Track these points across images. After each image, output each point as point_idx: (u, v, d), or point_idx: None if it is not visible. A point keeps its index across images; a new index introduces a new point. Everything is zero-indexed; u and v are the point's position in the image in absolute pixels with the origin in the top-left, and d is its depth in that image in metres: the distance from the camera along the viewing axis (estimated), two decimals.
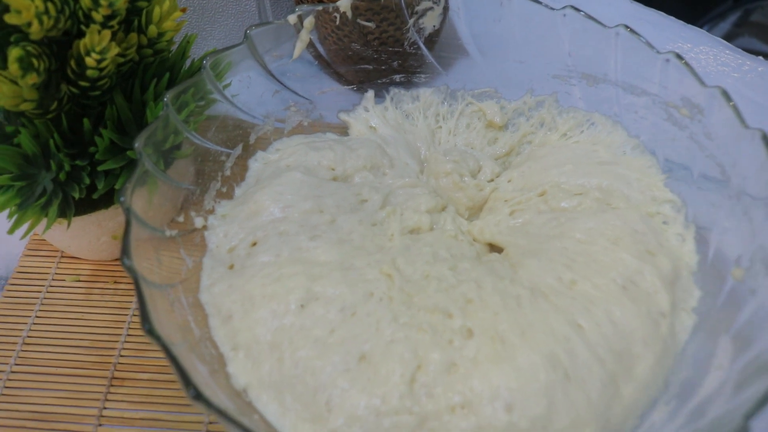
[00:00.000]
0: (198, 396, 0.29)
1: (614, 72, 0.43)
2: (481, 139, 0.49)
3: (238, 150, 0.46)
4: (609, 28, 0.42)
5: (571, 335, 0.35)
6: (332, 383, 0.34)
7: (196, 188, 0.42)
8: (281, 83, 0.47)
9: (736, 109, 0.37)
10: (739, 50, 0.61)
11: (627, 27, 0.41)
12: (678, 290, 0.38)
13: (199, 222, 0.42)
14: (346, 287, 0.37)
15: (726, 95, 0.38)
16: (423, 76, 0.50)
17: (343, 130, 0.50)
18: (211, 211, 0.43)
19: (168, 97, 0.38)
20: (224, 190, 0.44)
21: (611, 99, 0.45)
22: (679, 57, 0.39)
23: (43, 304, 0.46)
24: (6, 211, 0.42)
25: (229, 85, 0.44)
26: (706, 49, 0.45)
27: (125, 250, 0.33)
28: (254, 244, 0.41)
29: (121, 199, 0.34)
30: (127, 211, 0.34)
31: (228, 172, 0.45)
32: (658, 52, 0.40)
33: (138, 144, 0.36)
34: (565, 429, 0.33)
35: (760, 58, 0.61)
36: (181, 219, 0.40)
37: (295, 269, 0.38)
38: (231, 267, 0.40)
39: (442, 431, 0.33)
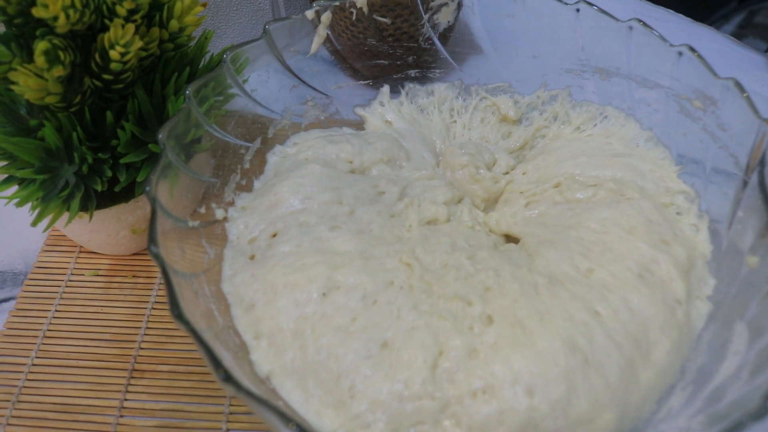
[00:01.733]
0: (228, 378, 0.29)
1: (627, 66, 0.44)
2: (495, 133, 0.50)
3: (257, 143, 0.46)
4: (622, 22, 0.42)
5: (589, 321, 0.35)
6: (355, 370, 0.35)
7: (216, 180, 0.43)
8: (299, 78, 0.48)
9: (749, 101, 0.38)
10: (747, 46, 0.62)
11: (640, 21, 0.42)
12: (693, 279, 0.39)
13: (219, 214, 0.42)
14: (367, 276, 0.37)
15: (740, 86, 0.38)
16: (438, 71, 0.51)
17: (359, 125, 0.51)
18: (231, 203, 0.44)
19: (190, 90, 0.39)
20: (243, 182, 0.45)
21: (624, 92, 0.45)
22: (692, 50, 0.40)
23: (62, 298, 0.47)
24: (25, 208, 0.42)
25: (247, 80, 0.44)
26: (713, 45, 0.46)
27: (152, 238, 0.33)
28: (274, 235, 0.41)
29: (147, 188, 0.35)
30: (153, 201, 0.35)
31: (247, 165, 0.45)
32: (671, 45, 0.41)
33: (161, 136, 0.37)
34: (584, 412, 0.33)
35: None
36: (202, 210, 0.41)
37: (316, 259, 0.38)
38: (252, 257, 0.41)
39: (464, 416, 0.33)
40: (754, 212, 0.38)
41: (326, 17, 0.45)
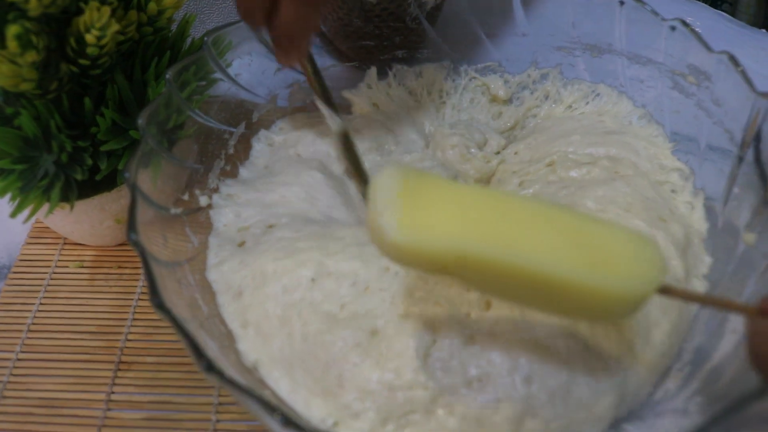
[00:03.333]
0: (210, 368, 0.29)
1: (619, 42, 0.43)
2: (485, 113, 0.49)
3: (241, 128, 0.45)
4: None
5: None
6: (344, 358, 0.34)
7: (200, 167, 0.42)
8: None
9: (744, 74, 0.37)
10: (741, 23, 0.61)
11: None
12: (690, 257, 0.38)
13: (203, 201, 0.42)
14: (360, 262, 0.36)
15: (734, 60, 0.37)
16: (425, 51, 0.50)
17: (347, 107, 0.50)
18: (216, 190, 0.43)
19: (170, 74, 0.38)
20: (228, 168, 0.44)
21: (616, 69, 0.45)
22: (685, 24, 0.39)
23: (47, 291, 0.46)
24: (6, 199, 0.41)
25: (231, 63, 0.43)
26: (707, 23, 0.45)
27: (131, 225, 0.32)
28: (271, 226, 0.41)
29: (126, 175, 0.34)
30: (133, 188, 0.34)
31: (231, 151, 0.45)
32: (663, 19, 0.40)
33: (141, 121, 0.36)
34: (584, 399, 0.33)
35: (764, 30, 0.61)
36: (185, 197, 0.40)
37: (309, 244, 0.38)
38: (241, 244, 0.40)
39: (458, 405, 0.32)
40: (750, 189, 0.37)
41: None
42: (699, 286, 0.38)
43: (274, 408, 0.28)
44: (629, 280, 0.25)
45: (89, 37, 0.37)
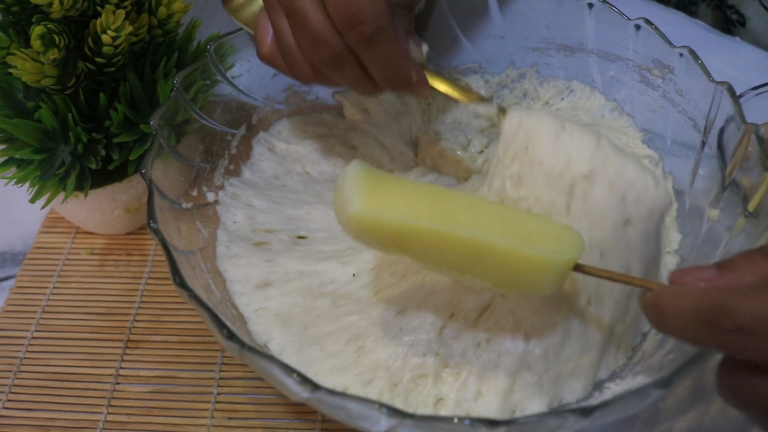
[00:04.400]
0: (231, 336, 0.31)
1: (589, 41, 0.47)
2: (467, 113, 0.53)
3: (242, 130, 0.49)
4: (582, 1, 0.45)
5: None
6: (366, 333, 0.37)
7: (206, 165, 0.45)
8: None
9: (703, 66, 0.41)
10: (716, 30, 0.65)
11: None
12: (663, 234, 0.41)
13: (211, 197, 0.45)
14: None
15: (693, 54, 0.41)
16: None
17: (339, 109, 0.53)
18: (221, 187, 0.46)
19: (177, 80, 0.41)
20: (231, 167, 0.47)
21: (588, 67, 0.48)
22: (649, 22, 0.43)
23: (60, 276, 0.49)
24: (24, 193, 0.45)
25: (231, 66, 0.46)
26: (682, 30, 0.49)
27: (151, 215, 0.36)
28: (303, 237, 0.44)
29: (142, 170, 0.37)
30: (149, 183, 0.37)
31: (234, 151, 0.48)
32: (628, 19, 0.44)
33: (153, 122, 0.39)
34: (574, 353, 0.36)
35: (737, 38, 0.64)
36: (194, 193, 0.43)
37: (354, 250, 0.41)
38: (260, 244, 0.43)
39: (465, 365, 0.36)
40: (713, 170, 0.41)
41: None
42: (670, 260, 0.42)
43: (292, 369, 0.29)
44: (552, 252, 0.30)
45: (105, 38, 0.40)
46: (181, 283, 0.33)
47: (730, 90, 0.39)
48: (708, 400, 0.40)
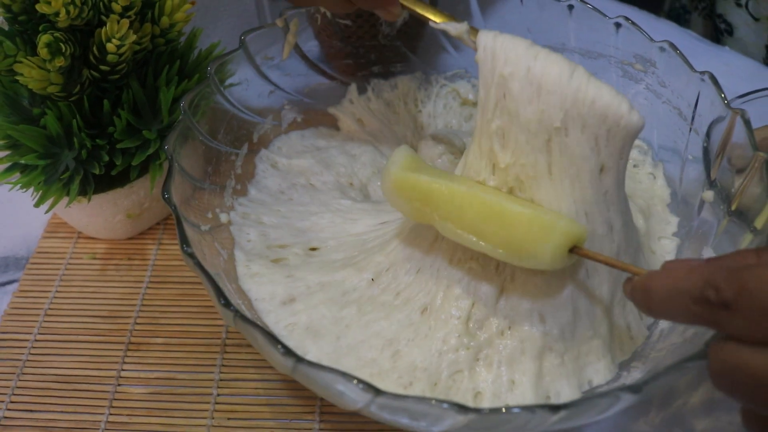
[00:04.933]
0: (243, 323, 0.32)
1: (571, 41, 0.49)
2: (458, 117, 0.54)
3: (245, 149, 0.50)
4: (562, 2, 0.47)
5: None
6: (397, 338, 0.39)
7: (216, 187, 0.46)
8: (274, 84, 0.51)
9: (683, 57, 0.43)
10: (705, 39, 0.67)
11: None
12: (653, 222, 0.43)
13: (224, 218, 0.46)
14: (413, 248, 0.41)
15: (673, 46, 0.43)
16: (399, 65, 0.55)
17: (334, 121, 0.54)
18: (232, 208, 0.47)
19: (184, 104, 0.42)
20: (239, 187, 0.49)
21: None
22: (627, 19, 0.45)
23: (62, 280, 0.50)
24: (27, 199, 0.45)
25: (231, 86, 0.48)
26: (672, 39, 0.50)
27: (183, 239, 0.36)
28: (315, 249, 0.45)
29: (165, 195, 0.38)
30: (174, 209, 0.38)
31: (239, 171, 0.49)
32: (608, 17, 0.46)
33: (168, 147, 0.40)
34: (585, 331, 0.38)
35: (726, 47, 0.66)
36: (209, 216, 0.44)
37: (367, 254, 0.42)
38: (277, 261, 0.44)
39: (494, 355, 0.37)
40: (701, 155, 0.42)
41: (294, 24, 0.49)
42: (669, 243, 0.44)
43: (352, 377, 0.30)
44: (556, 216, 0.34)
45: (110, 46, 0.41)
46: (227, 304, 0.34)
47: (712, 78, 0.41)
48: None
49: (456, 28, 0.40)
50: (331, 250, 0.45)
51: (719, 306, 0.24)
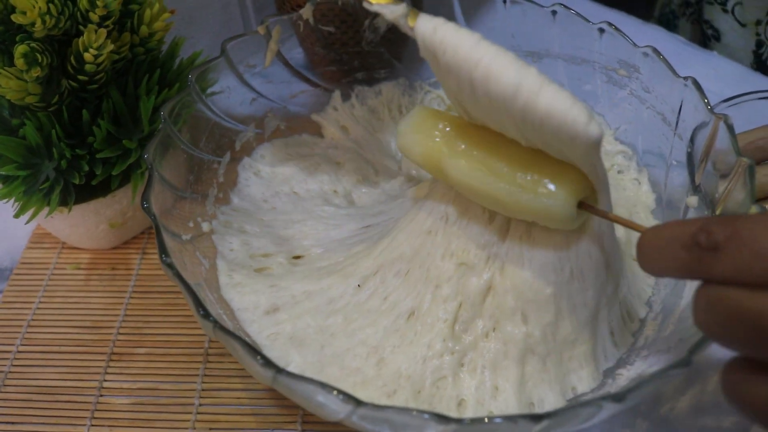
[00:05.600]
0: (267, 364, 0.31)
1: (555, 46, 0.48)
2: None
3: (227, 158, 0.49)
4: (546, 7, 0.47)
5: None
6: (383, 345, 0.38)
7: (197, 196, 0.46)
8: (256, 91, 0.51)
9: (667, 62, 0.42)
10: (694, 44, 0.66)
11: (561, 4, 0.46)
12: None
13: (206, 227, 0.45)
14: (407, 247, 0.40)
15: (657, 52, 0.43)
16: (383, 71, 0.55)
17: (317, 128, 0.54)
18: (214, 216, 0.47)
19: (164, 112, 0.42)
20: (221, 195, 0.48)
21: (556, 71, 0.50)
22: (611, 24, 0.45)
23: (45, 290, 0.50)
24: (10, 210, 0.45)
25: (213, 94, 0.47)
26: (661, 44, 0.50)
27: (163, 250, 0.36)
28: (299, 257, 0.45)
29: (145, 205, 0.38)
30: (154, 218, 0.37)
31: (221, 179, 0.49)
32: (592, 23, 0.46)
33: (147, 156, 0.40)
34: (568, 335, 0.37)
35: (714, 52, 0.66)
36: (191, 225, 0.44)
37: (356, 258, 0.42)
38: (261, 270, 0.44)
39: (478, 359, 0.37)
40: (685, 160, 0.42)
41: (276, 31, 0.49)
42: None
43: (333, 388, 0.29)
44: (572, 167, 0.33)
45: (87, 56, 0.41)
46: (206, 315, 0.33)
47: (695, 83, 0.41)
48: (704, 379, 0.41)
49: (392, 12, 0.35)
50: (315, 258, 0.45)
51: (708, 249, 0.24)
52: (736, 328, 0.24)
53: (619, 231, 0.42)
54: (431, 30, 0.32)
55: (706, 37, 0.70)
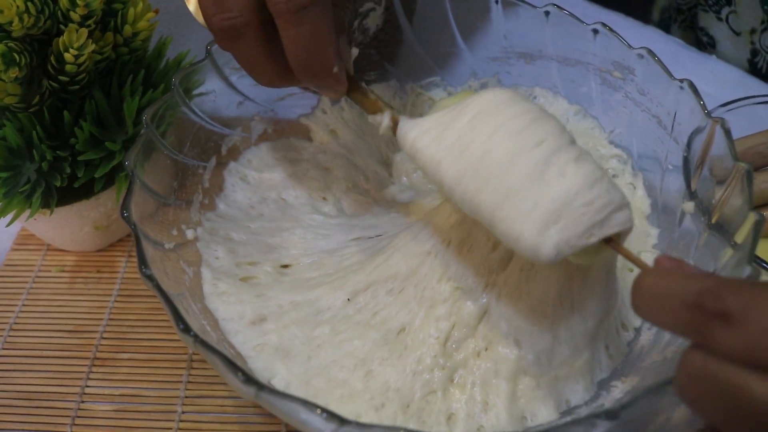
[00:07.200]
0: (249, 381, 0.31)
1: (548, 48, 0.47)
2: None
3: (213, 163, 0.48)
4: (539, 8, 0.46)
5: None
6: (371, 357, 0.37)
7: (182, 202, 0.44)
8: (243, 94, 0.49)
9: (662, 64, 0.41)
10: (693, 48, 0.65)
11: (555, 5, 0.45)
12: (631, 239, 0.41)
13: (190, 234, 0.44)
14: (403, 264, 0.39)
15: (652, 54, 0.42)
16: (372, 73, 0.53)
17: (305, 132, 0.53)
18: (199, 223, 0.45)
19: (146, 117, 0.41)
20: (206, 201, 0.47)
21: (550, 73, 0.49)
22: (605, 25, 0.44)
23: (29, 293, 0.49)
24: None
25: (198, 96, 0.46)
26: (659, 46, 0.49)
27: (142, 260, 0.35)
28: (287, 266, 0.44)
29: (124, 213, 0.37)
30: (134, 227, 0.36)
31: (207, 185, 0.47)
32: (586, 24, 0.45)
33: (128, 162, 0.39)
34: (566, 358, 0.36)
35: (713, 56, 0.65)
36: (174, 232, 0.43)
37: (345, 272, 0.41)
38: (246, 279, 0.43)
39: (468, 376, 0.36)
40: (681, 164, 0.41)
41: None
42: (649, 257, 0.42)
43: (316, 406, 0.29)
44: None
45: (68, 56, 0.40)
46: (186, 329, 0.32)
47: (692, 86, 0.40)
48: None
49: (384, 123, 0.39)
50: (304, 268, 0.44)
51: (715, 316, 0.22)
52: (732, 411, 0.22)
53: None
54: (410, 143, 0.37)
55: (701, 44, 0.69)
